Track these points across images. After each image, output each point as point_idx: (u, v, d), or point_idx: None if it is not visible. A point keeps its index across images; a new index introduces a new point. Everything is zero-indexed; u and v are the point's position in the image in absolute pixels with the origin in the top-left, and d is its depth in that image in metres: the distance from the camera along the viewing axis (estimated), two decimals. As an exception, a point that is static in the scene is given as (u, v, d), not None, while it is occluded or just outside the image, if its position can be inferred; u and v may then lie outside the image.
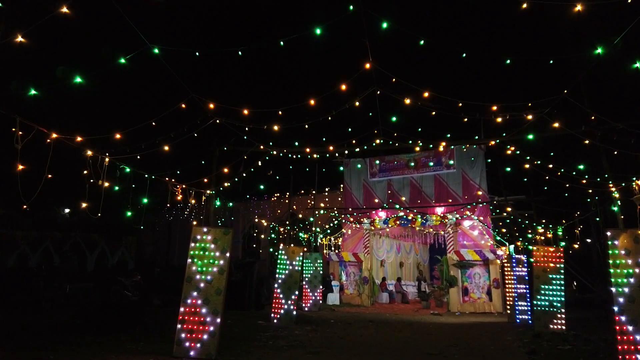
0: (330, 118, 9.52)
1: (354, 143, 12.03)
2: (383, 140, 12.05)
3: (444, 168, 19.67)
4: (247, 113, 8.53)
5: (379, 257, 22.32)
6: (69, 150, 7.28)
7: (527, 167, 12.21)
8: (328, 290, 19.30)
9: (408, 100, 8.97)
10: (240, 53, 7.49)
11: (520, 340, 9.90)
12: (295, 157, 13.84)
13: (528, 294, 13.65)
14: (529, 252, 13.09)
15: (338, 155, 13.84)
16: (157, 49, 6.98)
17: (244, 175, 12.48)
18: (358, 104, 9.18)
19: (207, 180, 10.37)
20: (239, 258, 24.27)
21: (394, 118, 11.10)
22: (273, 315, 12.30)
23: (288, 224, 19.94)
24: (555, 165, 11.47)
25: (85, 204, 7.80)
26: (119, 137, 8.02)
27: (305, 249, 15.91)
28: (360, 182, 21.22)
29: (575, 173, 11.10)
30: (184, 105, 8.34)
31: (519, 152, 11.46)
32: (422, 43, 7.39)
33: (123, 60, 6.48)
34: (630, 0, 6.17)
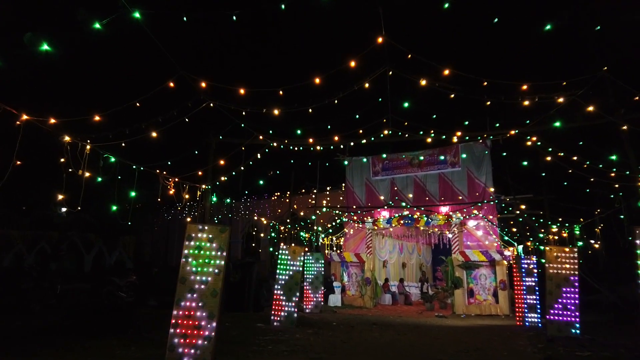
0: (337, 101, 8.72)
1: (361, 133, 11.25)
2: (392, 132, 11.26)
3: (449, 166, 19.17)
4: (243, 93, 7.83)
5: (382, 257, 21.81)
6: (44, 135, 6.63)
7: (548, 159, 11.36)
8: (329, 292, 18.81)
9: (424, 82, 8.25)
10: (235, 18, 6.74)
11: (534, 346, 9.37)
12: (297, 149, 13.03)
13: (538, 297, 13.19)
14: (540, 252, 12.52)
15: (343, 147, 12.93)
16: (138, 13, 6.22)
17: (242, 169, 11.70)
18: (367, 86, 8.41)
19: (201, 174, 9.69)
20: (239, 258, 23.78)
21: (406, 104, 10.26)
22: (273, 318, 11.79)
23: (289, 222, 19.39)
24: (580, 158, 10.67)
25: (62, 196, 7.15)
26: (98, 119, 7.26)
27: (307, 249, 15.40)
28: (363, 180, 20.73)
29: (602, 166, 10.34)
30: (172, 84, 7.62)
31: (540, 143, 10.67)
32: (446, 6, 6.67)
33: (98, 25, 5.83)
34: None
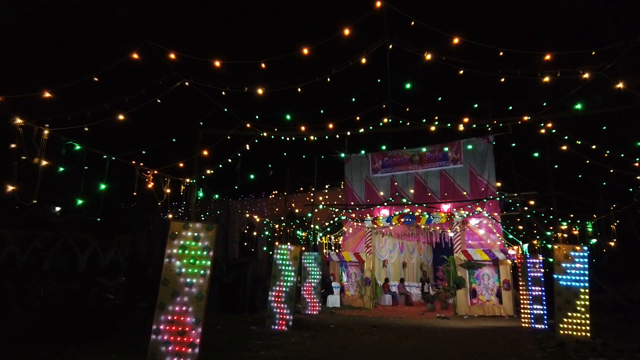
0: (330, 79, 7.97)
1: (358, 121, 10.44)
2: (392, 120, 10.45)
3: (450, 163, 18.67)
4: (219, 65, 7.09)
5: (382, 257, 21.26)
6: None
7: (564, 148, 10.56)
8: (328, 292, 18.26)
9: (429, 56, 7.52)
10: None
11: (544, 350, 8.82)
12: (290, 140, 12.23)
13: (544, 297, 12.66)
14: (547, 251, 11.89)
15: (339, 137, 12.08)
16: None
17: (230, 160, 10.94)
18: (364, 61, 7.64)
19: (182, 165, 8.98)
20: (236, 258, 23.26)
21: (408, 85, 9.48)
22: (268, 321, 11.20)
23: (283, 220, 18.76)
24: (599, 146, 9.87)
25: (13, 187, 6.47)
26: (49, 96, 6.47)
27: (304, 248, 14.85)
28: (362, 177, 20.21)
29: (624, 155, 9.58)
30: (137, 55, 6.91)
31: (555, 130, 9.89)
32: None
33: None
34: None
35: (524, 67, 7.51)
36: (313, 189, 20.63)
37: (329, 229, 20.31)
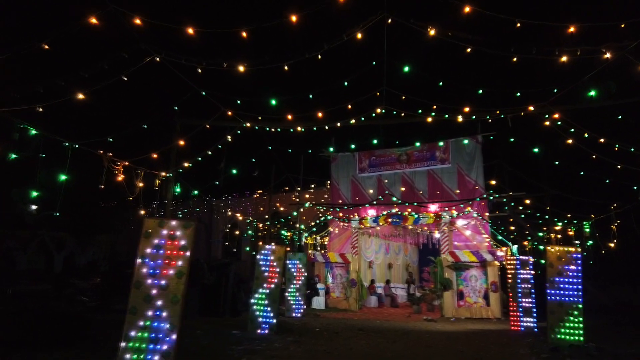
0: (320, 57, 7.42)
1: (350, 109, 9.93)
2: (385, 111, 9.96)
3: (438, 163, 18.42)
4: (192, 32, 6.45)
5: (367, 258, 20.87)
6: None
7: (569, 142, 10.07)
8: (313, 294, 17.80)
9: (433, 31, 7.02)
10: None
11: (537, 355, 8.49)
12: (276, 131, 11.64)
13: (534, 300, 12.42)
14: (538, 252, 11.59)
15: (328, 129, 11.54)
16: None
17: (208, 152, 10.32)
18: (360, 36, 7.10)
19: (156, 156, 8.35)
20: (219, 259, 22.63)
21: (407, 68, 8.97)
22: (250, 324, 10.69)
23: (267, 219, 18.21)
24: (608, 140, 9.47)
25: None
26: None
27: (288, 249, 14.36)
28: (349, 177, 19.85)
29: (634, 149, 9.20)
30: (95, 21, 6.10)
31: (560, 122, 9.45)
32: None
33: None
34: None
35: (539, 43, 6.97)
36: (299, 188, 20.16)
37: (315, 229, 19.86)
